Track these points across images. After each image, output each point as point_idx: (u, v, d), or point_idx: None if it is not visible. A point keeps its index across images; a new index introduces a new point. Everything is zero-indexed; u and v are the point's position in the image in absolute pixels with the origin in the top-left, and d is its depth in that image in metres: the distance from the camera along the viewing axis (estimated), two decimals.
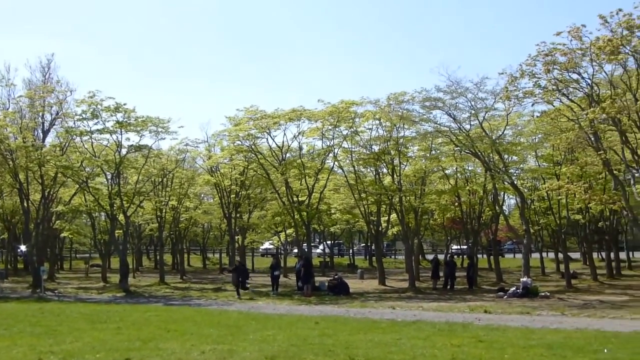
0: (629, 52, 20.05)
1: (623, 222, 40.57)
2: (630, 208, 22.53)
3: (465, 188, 36.65)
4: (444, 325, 15.81)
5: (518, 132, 34.61)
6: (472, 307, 21.73)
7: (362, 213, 35.78)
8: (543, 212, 40.75)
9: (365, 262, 56.51)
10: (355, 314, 19.98)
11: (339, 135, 33.65)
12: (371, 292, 30.04)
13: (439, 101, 30.24)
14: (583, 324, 16.53)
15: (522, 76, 21.78)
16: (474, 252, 37.51)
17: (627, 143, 21.20)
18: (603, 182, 32.63)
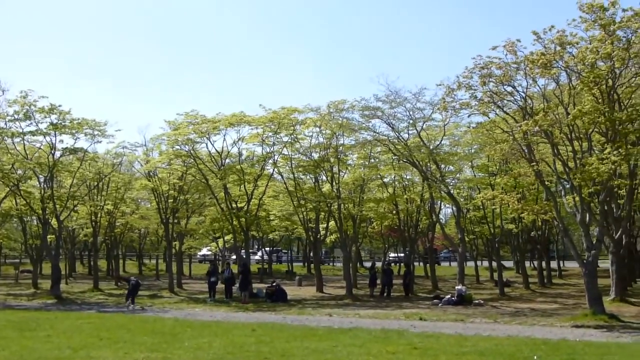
0: (561, 67, 20.64)
1: (554, 232, 41.69)
2: (561, 218, 23.17)
3: (403, 196, 37.13)
4: (380, 332, 15.97)
5: (455, 142, 35.28)
6: (408, 314, 22.01)
7: (300, 220, 35.82)
8: (478, 221, 41.60)
9: (304, 269, 56.54)
10: (292, 321, 20.00)
11: (279, 142, 33.68)
12: (309, 299, 30.08)
13: (378, 110, 30.66)
14: (514, 331, 16.94)
15: (459, 88, 22.15)
16: (411, 260, 37.96)
17: (559, 155, 21.80)
18: (535, 193, 33.55)
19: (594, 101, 20.04)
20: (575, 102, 21.10)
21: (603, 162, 19.06)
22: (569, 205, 22.65)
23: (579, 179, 20.45)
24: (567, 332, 16.61)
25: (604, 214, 22.14)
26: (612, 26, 19.39)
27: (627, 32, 19.67)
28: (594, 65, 19.63)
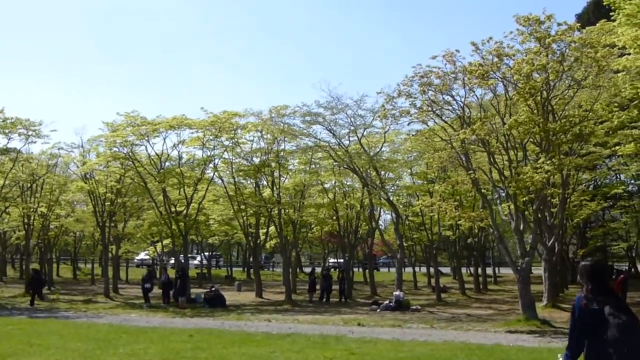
0: (498, 78, 21.16)
1: (490, 239, 42.59)
2: (496, 226, 23.69)
3: (343, 202, 37.32)
4: (318, 338, 15.98)
5: (395, 149, 35.70)
6: (346, 319, 22.08)
7: (240, 225, 35.61)
8: (416, 227, 42.12)
9: (243, 274, 56.20)
10: (230, 326, 19.82)
11: (220, 146, 33.42)
12: (248, 305, 29.91)
13: (319, 116, 30.82)
14: (450, 336, 17.18)
15: (399, 96, 22.45)
16: (350, 265, 38.17)
17: (495, 164, 22.30)
18: (472, 201, 34.22)
19: (529, 112, 20.57)
20: (511, 113, 21.64)
21: (537, 171, 19.59)
22: (504, 213, 23.17)
23: (514, 188, 20.95)
24: (501, 337, 16.94)
25: (537, 222, 22.75)
26: (547, 39, 19.97)
27: (561, 45, 20.32)
28: (529, 77, 20.18)
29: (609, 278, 6.08)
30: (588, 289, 5.86)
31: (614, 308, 5.67)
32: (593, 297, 5.79)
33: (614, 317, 5.60)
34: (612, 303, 5.73)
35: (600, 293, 5.81)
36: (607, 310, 5.66)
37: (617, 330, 5.55)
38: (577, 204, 33.61)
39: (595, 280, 5.89)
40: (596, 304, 5.73)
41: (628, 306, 5.83)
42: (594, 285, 5.86)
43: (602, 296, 5.78)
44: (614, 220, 44.16)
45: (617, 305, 5.73)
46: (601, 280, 5.90)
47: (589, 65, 20.38)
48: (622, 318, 5.58)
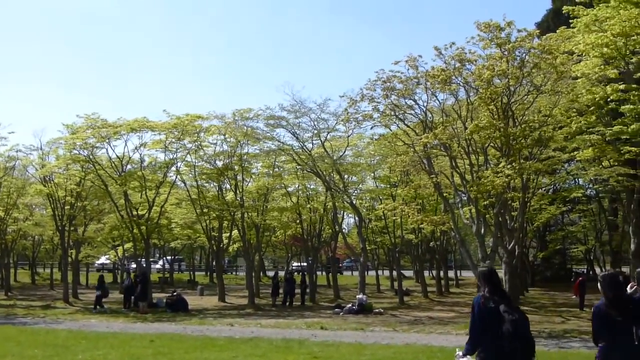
0: (460, 83, 21.42)
1: (452, 243, 43.00)
2: (458, 229, 23.94)
3: (307, 206, 37.34)
4: (281, 342, 15.96)
5: (358, 153, 35.82)
6: (310, 323, 22.08)
7: (203, 228, 35.35)
8: (379, 231, 42.30)
9: (206, 278, 55.82)
10: (192, 331, 19.66)
11: (182, 149, 33.10)
12: (210, 309, 29.69)
13: (282, 120, 30.80)
14: (412, 339, 17.28)
15: (362, 100, 22.60)
16: (313, 269, 38.18)
17: (456, 168, 22.54)
18: (434, 204, 34.53)
19: (490, 117, 20.85)
20: (472, 117, 21.89)
21: (498, 175, 19.83)
22: (465, 216, 23.41)
23: (475, 192, 21.19)
24: (462, 340, 16.86)
25: (498, 226, 23.03)
26: (508, 45, 20.29)
27: (521, 51, 20.65)
28: (490, 82, 20.46)
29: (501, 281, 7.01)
30: (486, 289, 6.71)
31: (507, 306, 6.52)
32: (490, 297, 6.61)
33: (508, 314, 6.42)
34: (506, 302, 6.58)
35: (496, 294, 6.65)
36: (502, 308, 6.48)
37: (510, 326, 6.35)
38: (537, 208, 34.19)
39: (492, 283, 6.74)
40: (492, 302, 6.55)
41: (518, 307, 6.75)
42: (490, 287, 6.70)
43: (497, 296, 6.62)
44: (573, 223, 45.03)
45: (510, 304, 6.59)
46: (495, 282, 6.78)
47: (548, 71, 20.76)
48: (515, 315, 6.42)
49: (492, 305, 6.55)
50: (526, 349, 6.41)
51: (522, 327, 6.41)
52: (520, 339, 6.35)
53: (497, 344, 6.37)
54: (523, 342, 6.38)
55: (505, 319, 6.40)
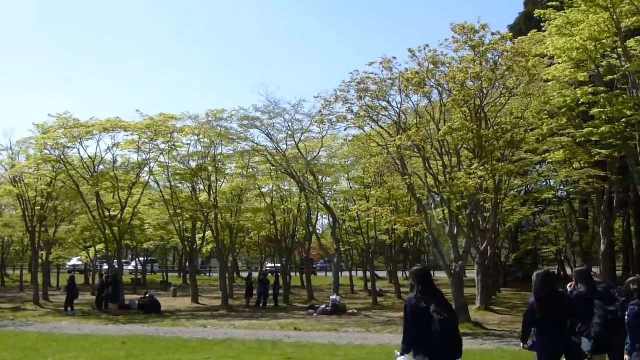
0: (433, 85, 21.55)
1: (425, 243, 43.27)
2: (431, 230, 24.07)
3: (280, 206, 37.30)
4: (254, 343, 15.94)
5: (332, 154, 35.88)
6: (283, 324, 22.07)
7: (176, 229, 35.13)
8: (353, 231, 42.39)
9: (179, 279, 55.44)
10: (165, 332, 19.54)
11: (155, 149, 32.89)
12: (183, 310, 29.52)
13: (256, 120, 30.74)
14: (386, 339, 17.34)
15: (336, 101, 22.60)
16: (287, 269, 38.16)
17: (429, 169, 22.67)
18: (408, 205, 34.64)
19: (462, 118, 21.01)
20: (445, 119, 22.04)
21: (470, 176, 19.99)
22: (438, 217, 23.56)
23: (448, 193, 21.34)
24: None
25: (470, 226, 23.22)
26: (481, 48, 20.47)
27: (494, 54, 20.85)
28: (463, 84, 20.62)
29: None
30: (418, 289, 7.05)
31: (438, 306, 6.83)
32: (422, 296, 6.94)
33: (437, 314, 6.75)
34: (437, 302, 6.90)
35: (427, 293, 6.98)
36: (432, 308, 6.80)
37: (439, 325, 6.70)
38: (508, 209, 34.49)
39: (423, 282, 7.08)
40: (424, 302, 6.88)
41: (450, 305, 7.09)
42: (422, 287, 7.03)
43: (429, 296, 6.94)
44: (544, 224, 45.52)
45: (441, 304, 6.91)
46: (427, 282, 7.12)
47: (520, 74, 20.97)
48: (444, 315, 6.77)
49: (423, 305, 6.86)
50: (453, 348, 6.80)
51: (450, 327, 6.78)
52: (447, 338, 6.72)
53: (428, 343, 6.76)
54: (450, 342, 6.77)
55: (434, 319, 6.73)
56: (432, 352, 6.77)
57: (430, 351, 6.79)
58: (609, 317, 8.02)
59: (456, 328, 6.95)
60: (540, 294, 7.59)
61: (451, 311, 6.98)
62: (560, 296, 7.84)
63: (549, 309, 7.48)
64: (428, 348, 6.80)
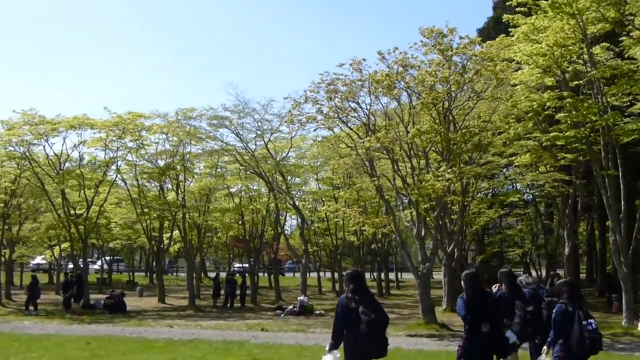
0: (402, 88, 21.69)
1: (393, 245, 43.42)
2: (399, 232, 24.20)
3: (249, 207, 37.19)
4: (221, 343, 15.88)
5: (301, 155, 35.91)
6: (250, 325, 22.02)
7: (144, 228, 34.83)
8: (322, 232, 42.45)
9: (146, 279, 54.95)
10: (131, 333, 19.35)
11: (123, 147, 32.56)
12: (150, 310, 29.29)
13: (226, 120, 30.65)
14: None
15: (306, 102, 22.60)
16: (255, 270, 38.07)
17: (398, 171, 22.80)
18: (376, 207, 34.82)
19: (431, 121, 21.16)
20: (414, 121, 22.19)
21: (438, 179, 20.16)
22: (406, 219, 23.70)
23: (417, 195, 21.48)
24: (401, 341, 17.28)
25: (438, 229, 23.41)
26: (450, 52, 20.66)
27: (463, 58, 21.06)
28: (432, 88, 20.78)
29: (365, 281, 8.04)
30: (349, 290, 7.52)
31: (366, 307, 7.25)
32: (352, 297, 7.40)
33: (365, 315, 7.17)
34: (366, 303, 7.33)
35: (358, 294, 7.43)
36: (360, 309, 7.23)
37: (365, 325, 7.13)
38: (476, 212, 34.87)
39: (355, 284, 7.55)
40: (354, 303, 7.32)
41: (380, 306, 7.48)
42: (353, 288, 7.50)
43: (359, 296, 7.39)
44: (510, 227, 46.07)
45: (369, 305, 7.33)
46: (359, 283, 7.61)
47: (488, 78, 21.23)
48: (371, 316, 7.18)
49: (353, 305, 7.31)
50: (378, 347, 7.25)
51: (376, 328, 7.20)
52: (373, 338, 7.18)
53: (355, 342, 7.24)
54: (375, 342, 7.22)
55: (362, 320, 7.17)
56: (357, 350, 7.22)
57: (355, 349, 7.23)
58: (528, 317, 9.28)
59: (382, 329, 7.32)
60: (469, 294, 8.07)
61: (379, 313, 7.32)
62: (487, 296, 8.33)
63: (477, 308, 7.91)
64: (354, 346, 7.25)
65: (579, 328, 7.70)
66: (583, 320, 7.71)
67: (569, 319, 7.80)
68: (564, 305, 7.95)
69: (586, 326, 7.68)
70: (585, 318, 7.74)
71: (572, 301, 7.98)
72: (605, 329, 19.68)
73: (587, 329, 7.67)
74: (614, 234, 21.30)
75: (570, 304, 7.94)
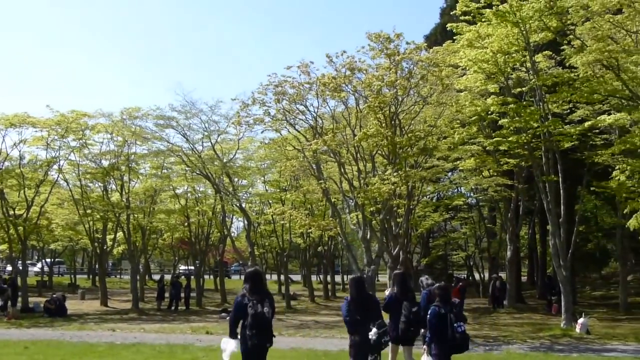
0: (350, 91, 21.82)
1: (339, 248, 43.60)
2: (345, 235, 24.33)
3: (195, 208, 36.82)
4: (165, 347, 15.68)
5: (248, 156, 35.75)
6: (195, 328, 21.77)
7: (86, 230, 34.15)
8: (268, 235, 42.32)
9: (88, 282, 53.83)
10: (71, 337, 18.88)
11: (66, 147, 31.85)
12: (92, 314, 28.73)
13: (172, 120, 30.26)
14: (298, 343, 17.37)
15: (254, 103, 22.56)
16: (200, 272, 37.71)
17: (345, 174, 22.92)
18: (323, 209, 34.92)
19: (378, 125, 21.34)
20: (361, 125, 22.35)
21: (384, 182, 20.31)
22: (352, 222, 23.82)
23: (363, 198, 21.62)
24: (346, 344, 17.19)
25: (383, 231, 23.58)
26: (397, 57, 20.87)
27: (409, 63, 21.32)
28: (379, 92, 20.96)
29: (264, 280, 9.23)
30: (246, 288, 8.43)
31: (258, 303, 8.21)
32: (247, 294, 8.35)
33: (252, 309, 8.17)
34: (258, 299, 8.26)
35: (255, 292, 8.37)
36: (250, 304, 8.21)
37: (252, 319, 8.15)
38: (421, 215, 35.28)
39: (252, 282, 8.48)
40: (247, 299, 8.29)
41: (272, 303, 8.40)
42: (250, 285, 8.44)
43: (255, 295, 8.32)
44: (455, 230, 46.73)
45: (261, 301, 8.25)
46: (256, 281, 8.53)
47: (434, 83, 21.54)
48: (258, 309, 8.17)
49: (246, 301, 8.27)
50: (263, 338, 8.21)
51: (261, 321, 8.17)
52: (259, 330, 8.15)
53: (246, 334, 8.19)
54: (261, 333, 8.18)
55: (250, 314, 8.16)
56: (244, 341, 8.21)
57: (244, 338, 8.21)
58: (411, 316, 10.53)
59: (267, 322, 8.27)
60: (353, 297, 9.00)
61: (268, 307, 8.26)
62: (370, 298, 9.35)
63: (361, 309, 8.84)
64: (242, 338, 8.25)
65: (450, 329, 8.52)
66: (454, 322, 8.55)
67: (443, 320, 8.59)
68: (438, 308, 8.71)
69: (456, 328, 8.53)
70: (456, 320, 8.60)
71: (445, 304, 8.75)
72: (544, 331, 20.28)
73: (457, 331, 8.53)
74: (553, 237, 21.83)
75: (443, 306, 8.71)
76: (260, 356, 8.36)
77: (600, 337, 18.58)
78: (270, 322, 8.35)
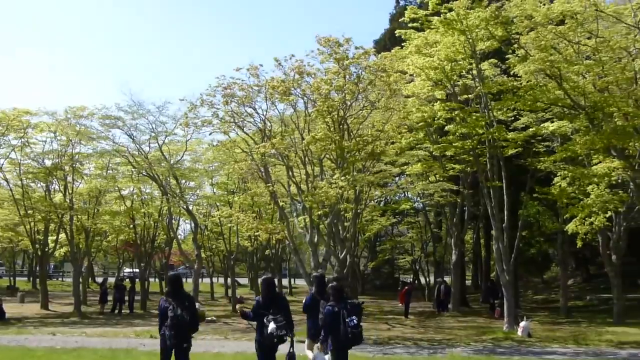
0: (298, 95, 21.84)
1: (287, 251, 43.57)
2: (293, 238, 24.31)
3: (141, 210, 36.27)
4: (107, 351, 15.38)
5: (196, 158, 35.44)
6: (139, 332, 21.42)
7: (27, 231, 33.30)
8: (215, 237, 42.02)
9: (28, 285, 52.48)
10: (9, 341, 18.36)
11: (6, 145, 31.02)
12: (31, 317, 28.01)
13: (119, 120, 29.75)
14: (244, 347, 17.22)
15: (202, 105, 22.38)
16: (145, 275, 37.16)
17: (293, 178, 22.91)
18: (271, 213, 34.82)
19: (326, 129, 21.42)
20: (310, 129, 22.37)
21: (332, 186, 20.36)
22: (300, 225, 23.83)
23: (310, 201, 21.62)
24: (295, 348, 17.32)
25: (331, 235, 23.64)
26: (345, 61, 20.97)
27: (358, 68, 21.43)
28: (327, 96, 21.03)
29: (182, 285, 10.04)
30: (168, 292, 9.71)
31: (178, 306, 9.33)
32: (167, 297, 9.53)
33: (172, 312, 9.27)
34: (178, 302, 9.37)
35: (174, 296, 9.48)
36: (170, 307, 9.31)
37: (170, 321, 9.31)
38: (368, 219, 35.50)
39: (171, 286, 9.73)
40: (167, 302, 9.41)
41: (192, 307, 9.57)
42: (170, 290, 9.71)
43: (175, 298, 9.43)
44: (401, 235, 47.29)
45: (180, 304, 9.36)
46: (175, 286, 9.70)
47: (382, 89, 21.72)
48: (177, 312, 9.27)
49: (166, 304, 9.40)
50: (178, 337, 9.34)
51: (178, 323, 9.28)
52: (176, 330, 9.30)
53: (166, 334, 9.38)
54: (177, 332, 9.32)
55: (169, 316, 9.27)
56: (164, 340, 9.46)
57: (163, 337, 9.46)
58: None
59: (184, 324, 9.31)
60: (263, 296, 9.70)
61: (186, 310, 9.34)
62: (278, 297, 9.99)
63: (269, 308, 9.38)
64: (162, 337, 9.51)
65: (343, 325, 9.04)
66: (347, 318, 9.06)
67: (336, 318, 9.11)
68: (332, 307, 9.24)
69: (349, 322, 9.04)
70: (349, 315, 9.11)
71: (338, 302, 9.26)
72: (487, 334, 20.61)
73: (349, 325, 9.04)
74: (497, 242, 22.25)
75: (336, 305, 9.23)
76: (178, 355, 9.53)
77: (541, 340, 19.00)
78: (187, 325, 9.39)
